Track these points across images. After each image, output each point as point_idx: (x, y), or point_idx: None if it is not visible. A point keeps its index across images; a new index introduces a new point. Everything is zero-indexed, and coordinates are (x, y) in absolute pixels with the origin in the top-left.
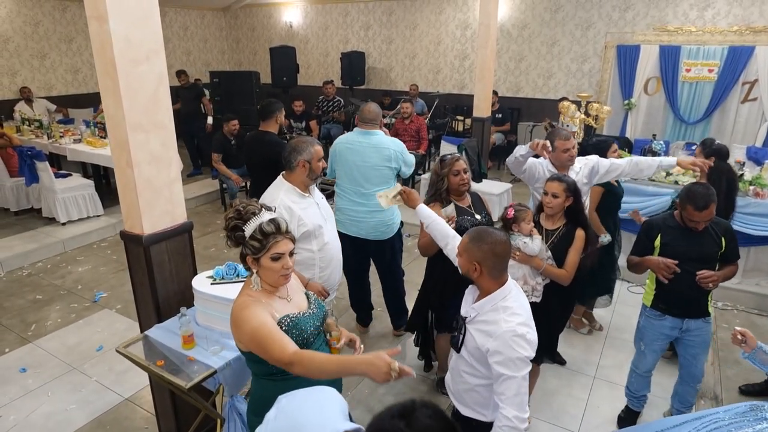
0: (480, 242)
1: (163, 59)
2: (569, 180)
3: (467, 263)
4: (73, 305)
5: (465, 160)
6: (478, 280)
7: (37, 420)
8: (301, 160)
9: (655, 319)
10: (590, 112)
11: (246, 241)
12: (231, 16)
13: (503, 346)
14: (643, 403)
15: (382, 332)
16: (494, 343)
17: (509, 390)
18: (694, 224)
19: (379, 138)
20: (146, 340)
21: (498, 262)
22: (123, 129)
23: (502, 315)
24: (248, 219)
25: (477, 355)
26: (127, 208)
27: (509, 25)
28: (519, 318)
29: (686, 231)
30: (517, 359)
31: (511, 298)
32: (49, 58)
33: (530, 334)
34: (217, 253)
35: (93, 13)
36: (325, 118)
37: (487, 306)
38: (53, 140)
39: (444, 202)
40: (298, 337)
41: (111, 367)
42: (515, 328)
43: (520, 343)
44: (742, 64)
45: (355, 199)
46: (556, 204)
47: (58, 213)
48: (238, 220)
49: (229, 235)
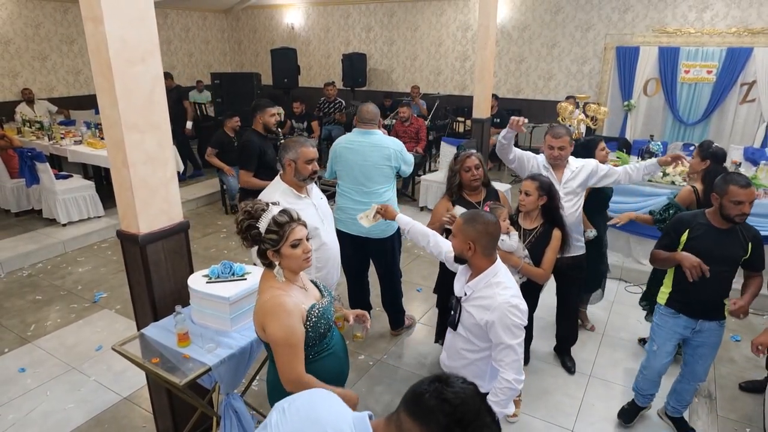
0: (474, 223)
1: (158, 60)
2: (543, 179)
3: (462, 243)
4: (72, 306)
5: (478, 156)
6: (471, 258)
7: (35, 419)
8: (288, 159)
9: (669, 317)
10: (588, 113)
11: (263, 236)
12: (233, 17)
13: (501, 316)
14: (650, 400)
15: (381, 332)
16: (492, 315)
17: (508, 356)
18: (741, 207)
19: (379, 137)
20: (142, 338)
21: (490, 241)
22: (119, 129)
23: (496, 290)
24: (259, 216)
25: (475, 330)
26: (124, 207)
27: (510, 26)
28: (511, 291)
29: (714, 230)
30: (513, 326)
31: (501, 274)
32: (51, 59)
33: (522, 305)
34: (217, 253)
35: (88, 14)
36: (326, 119)
37: (480, 283)
38: (54, 141)
39: (454, 196)
40: (325, 325)
41: (110, 366)
42: (509, 299)
43: (515, 312)
44: (741, 65)
45: (357, 198)
46: (529, 202)
47: (59, 214)
48: (250, 219)
49: (244, 236)
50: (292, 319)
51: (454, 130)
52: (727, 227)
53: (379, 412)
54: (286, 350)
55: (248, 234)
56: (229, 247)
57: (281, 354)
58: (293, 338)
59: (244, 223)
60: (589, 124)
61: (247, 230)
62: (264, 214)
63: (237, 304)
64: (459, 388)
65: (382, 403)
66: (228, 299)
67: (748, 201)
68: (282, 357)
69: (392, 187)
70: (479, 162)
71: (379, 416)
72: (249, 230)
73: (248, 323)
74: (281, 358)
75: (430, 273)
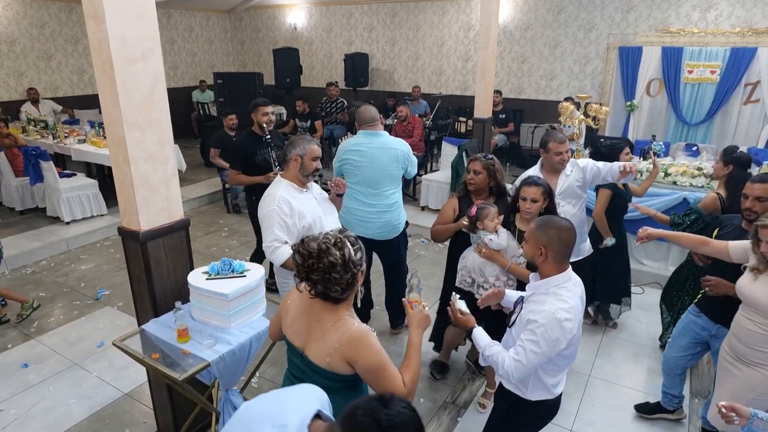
0: (546, 228)
1: (159, 58)
2: (544, 182)
3: (533, 249)
4: (75, 302)
5: (483, 162)
6: (542, 264)
7: (37, 414)
8: (294, 154)
9: (692, 313)
10: (589, 113)
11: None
12: (236, 17)
13: (539, 322)
14: (675, 403)
15: (380, 330)
16: (534, 317)
17: (524, 358)
18: (747, 203)
19: (386, 139)
20: (143, 334)
21: (563, 248)
22: (120, 126)
23: (551, 299)
24: (342, 244)
25: (522, 329)
26: (125, 204)
27: (512, 26)
28: (565, 305)
29: (743, 232)
30: (544, 337)
31: (566, 288)
32: (55, 59)
33: (568, 323)
34: (219, 252)
35: (90, 13)
36: (328, 119)
37: (542, 287)
38: (58, 140)
39: (461, 194)
40: None
41: (111, 363)
42: (556, 311)
43: (554, 326)
44: (745, 65)
45: (364, 200)
46: (536, 208)
47: (62, 212)
48: (344, 247)
49: (346, 268)
50: (377, 340)
51: (456, 130)
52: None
53: None
54: (385, 370)
55: (351, 262)
56: (230, 245)
57: (385, 377)
58: (382, 353)
59: (351, 251)
60: (591, 124)
61: (351, 259)
62: (341, 238)
63: (236, 301)
64: (396, 412)
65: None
66: (227, 296)
67: (754, 196)
68: (386, 380)
69: (399, 188)
70: (481, 168)
71: None
72: (354, 256)
73: (247, 320)
74: (386, 381)
75: (432, 272)
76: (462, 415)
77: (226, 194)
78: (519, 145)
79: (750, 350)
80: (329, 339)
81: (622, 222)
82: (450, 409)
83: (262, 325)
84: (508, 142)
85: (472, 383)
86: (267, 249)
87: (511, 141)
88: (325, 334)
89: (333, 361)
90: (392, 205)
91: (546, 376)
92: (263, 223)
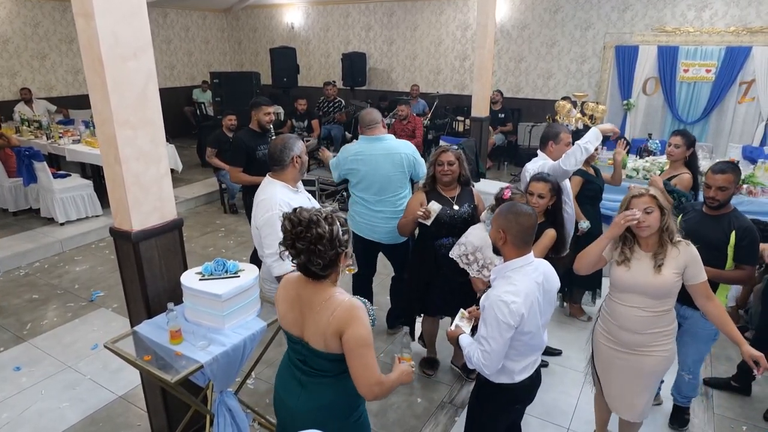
0: (507, 212)
1: (151, 56)
2: (553, 180)
3: (495, 232)
4: (69, 304)
5: (456, 154)
6: (502, 247)
7: (30, 417)
8: (295, 156)
9: None
10: (586, 112)
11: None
12: (232, 17)
13: (489, 308)
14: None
15: (376, 330)
16: (485, 302)
17: (486, 346)
18: (710, 193)
19: (388, 143)
20: (135, 335)
21: (520, 231)
22: (111, 125)
23: (502, 282)
24: (332, 219)
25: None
26: (116, 204)
27: (509, 25)
28: (512, 287)
29: (704, 216)
30: (495, 320)
31: (520, 272)
32: (50, 59)
33: (515, 305)
34: (215, 252)
35: (79, 10)
36: (325, 119)
37: (502, 272)
38: (52, 141)
39: (427, 188)
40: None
41: (105, 365)
42: (502, 294)
43: (502, 309)
44: (740, 64)
45: (371, 207)
46: (543, 204)
47: (57, 213)
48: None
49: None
50: (367, 315)
51: (454, 129)
52: (714, 214)
53: (374, 411)
54: (368, 350)
55: (338, 240)
56: (227, 246)
57: (363, 356)
58: (371, 335)
59: (339, 230)
60: (587, 122)
61: (338, 236)
62: (331, 214)
63: (230, 302)
64: None
65: (377, 402)
66: (221, 296)
67: (715, 186)
68: (363, 359)
69: (407, 191)
70: (454, 159)
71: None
72: (342, 236)
73: (241, 321)
74: (363, 361)
75: None
76: (459, 414)
77: (223, 194)
78: (517, 144)
79: (642, 336)
80: (322, 318)
81: (598, 208)
82: (447, 409)
83: (256, 325)
84: (506, 141)
85: (469, 383)
86: (270, 257)
87: (509, 140)
88: (317, 316)
89: (329, 339)
90: (401, 212)
91: (507, 361)
92: (264, 230)
